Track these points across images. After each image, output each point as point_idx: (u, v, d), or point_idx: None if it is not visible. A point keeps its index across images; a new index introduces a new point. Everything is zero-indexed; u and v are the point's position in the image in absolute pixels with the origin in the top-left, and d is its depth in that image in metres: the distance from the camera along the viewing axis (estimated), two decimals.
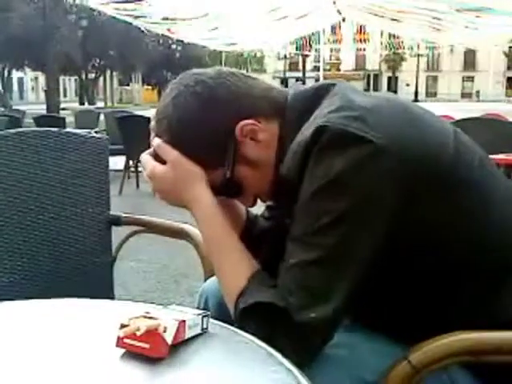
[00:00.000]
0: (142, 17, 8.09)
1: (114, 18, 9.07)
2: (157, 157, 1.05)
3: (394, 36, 11.57)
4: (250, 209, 1.19)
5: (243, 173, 1.03)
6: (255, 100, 1.03)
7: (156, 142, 1.04)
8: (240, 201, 1.12)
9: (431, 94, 65.59)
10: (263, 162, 1.03)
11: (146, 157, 1.07)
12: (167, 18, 8.32)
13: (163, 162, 1.04)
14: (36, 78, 59.62)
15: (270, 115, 1.03)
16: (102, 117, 10.00)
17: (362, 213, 0.90)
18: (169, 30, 8.80)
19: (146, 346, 0.76)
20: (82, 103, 41.38)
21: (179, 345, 0.79)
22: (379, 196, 0.90)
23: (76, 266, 1.69)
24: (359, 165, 0.89)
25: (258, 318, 0.92)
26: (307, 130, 0.93)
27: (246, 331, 0.88)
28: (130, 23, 9.12)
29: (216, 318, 0.91)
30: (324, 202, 0.90)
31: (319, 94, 1.01)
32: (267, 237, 1.15)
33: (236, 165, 1.02)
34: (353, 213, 0.89)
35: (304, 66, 47.88)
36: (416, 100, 52.66)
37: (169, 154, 1.03)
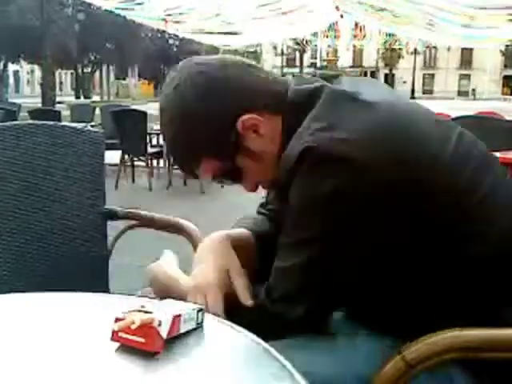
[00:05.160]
0: (136, 7, 8.03)
1: (108, 11, 9.02)
2: None
3: (390, 34, 11.57)
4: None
5: (245, 163, 1.05)
6: (258, 94, 1.03)
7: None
8: (242, 185, 1.13)
9: (428, 91, 65.57)
10: (265, 154, 1.04)
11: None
12: (164, 11, 8.27)
13: None
14: (32, 72, 59.34)
15: (273, 109, 1.03)
16: (97, 111, 9.97)
17: (338, 234, 0.93)
18: (165, 20, 8.71)
19: (141, 339, 0.76)
20: (77, 97, 41.22)
21: (174, 339, 0.79)
22: (360, 219, 0.93)
23: (71, 260, 1.69)
24: (343, 187, 0.91)
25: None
26: (296, 145, 0.95)
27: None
28: (124, 17, 9.07)
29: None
30: (305, 219, 0.95)
31: (315, 95, 1.02)
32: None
33: (238, 155, 1.04)
34: (329, 234, 0.94)
35: (302, 63, 47.83)
36: (412, 97, 52.72)
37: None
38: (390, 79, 64.87)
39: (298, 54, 51.51)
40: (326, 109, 0.98)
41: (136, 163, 7.67)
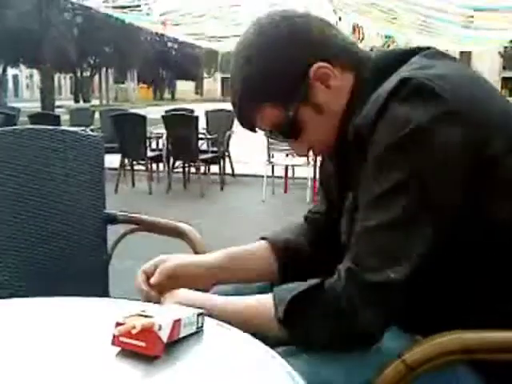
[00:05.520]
0: (134, 9, 8.04)
1: (109, 15, 9.04)
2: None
3: (388, 36, 11.61)
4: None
5: (307, 116, 1.02)
6: (335, 48, 1.03)
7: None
8: (294, 147, 1.10)
9: None
10: (329, 109, 1.02)
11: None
12: (164, 14, 8.29)
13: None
14: (31, 76, 59.37)
15: (348, 66, 1.03)
16: (96, 115, 9.99)
17: (436, 170, 0.88)
18: (163, 23, 8.71)
19: (142, 344, 0.76)
20: (77, 101, 41.24)
21: (174, 343, 0.79)
22: (453, 157, 0.88)
23: (71, 264, 1.69)
24: (438, 121, 0.87)
25: (308, 304, 0.92)
26: (389, 84, 0.93)
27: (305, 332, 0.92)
28: (123, 20, 9.10)
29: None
30: (398, 156, 0.88)
31: (405, 56, 1.01)
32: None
33: (302, 106, 1.02)
34: (427, 169, 0.87)
35: None
36: None
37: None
38: None
39: None
40: (420, 59, 0.99)
41: (136, 167, 7.67)
